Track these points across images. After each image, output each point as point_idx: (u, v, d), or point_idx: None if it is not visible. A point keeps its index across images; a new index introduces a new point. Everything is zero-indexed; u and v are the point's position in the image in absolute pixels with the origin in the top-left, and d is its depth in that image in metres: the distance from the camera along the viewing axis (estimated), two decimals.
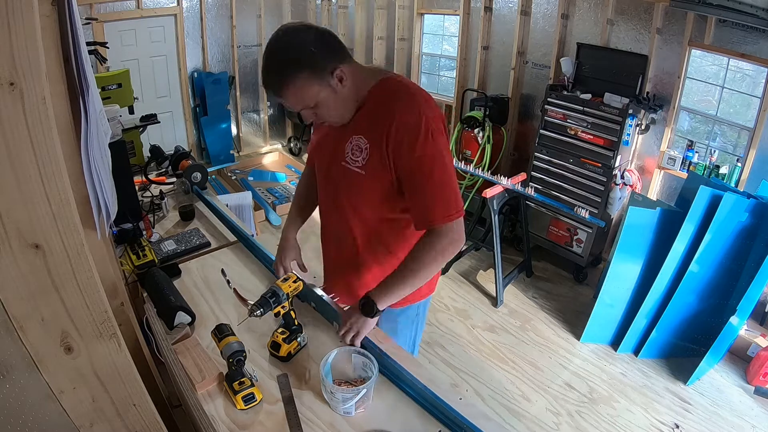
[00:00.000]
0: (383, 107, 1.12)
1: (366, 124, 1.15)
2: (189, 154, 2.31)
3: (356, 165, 1.17)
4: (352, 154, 1.17)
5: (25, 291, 0.72)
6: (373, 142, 1.13)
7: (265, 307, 1.17)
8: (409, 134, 1.08)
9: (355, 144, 1.16)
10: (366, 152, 1.15)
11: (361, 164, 1.16)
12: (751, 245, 2.39)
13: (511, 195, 3.08)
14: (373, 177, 1.16)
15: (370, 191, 1.19)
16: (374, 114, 1.14)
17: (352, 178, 1.19)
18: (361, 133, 1.16)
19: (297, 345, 1.25)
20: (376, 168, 1.15)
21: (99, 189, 1.13)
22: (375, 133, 1.13)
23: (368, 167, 1.15)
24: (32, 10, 0.64)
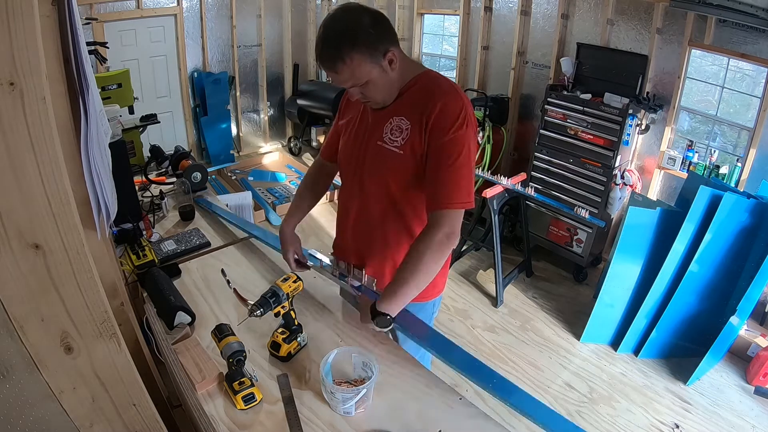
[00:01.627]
0: (428, 92, 1.19)
1: (408, 106, 1.21)
2: (189, 154, 2.32)
3: (394, 145, 1.22)
4: (391, 134, 1.22)
5: (25, 291, 0.72)
6: (415, 122, 1.19)
7: (265, 307, 1.18)
8: (449, 117, 1.15)
9: (396, 125, 1.22)
10: (407, 132, 1.20)
11: (400, 144, 1.21)
12: (751, 245, 2.39)
13: (511, 195, 3.08)
14: (411, 156, 1.20)
15: (406, 171, 1.23)
16: (418, 97, 1.20)
17: (389, 157, 1.23)
18: (403, 115, 1.21)
19: (297, 345, 1.26)
20: (415, 147, 1.19)
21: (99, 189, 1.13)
22: (417, 114, 1.18)
23: (406, 147, 1.20)
24: (32, 10, 0.64)
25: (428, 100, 1.17)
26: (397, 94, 1.23)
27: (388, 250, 1.36)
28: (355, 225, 1.40)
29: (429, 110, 1.16)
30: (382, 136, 1.24)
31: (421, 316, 1.43)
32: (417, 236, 1.22)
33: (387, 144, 1.23)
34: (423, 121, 1.17)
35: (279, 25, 5.05)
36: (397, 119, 1.21)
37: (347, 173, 1.38)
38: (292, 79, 5.26)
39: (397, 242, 1.35)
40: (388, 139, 1.22)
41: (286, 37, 5.09)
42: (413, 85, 1.22)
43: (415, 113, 1.19)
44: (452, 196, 1.16)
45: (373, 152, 1.26)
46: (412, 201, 1.28)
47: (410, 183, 1.24)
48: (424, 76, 1.23)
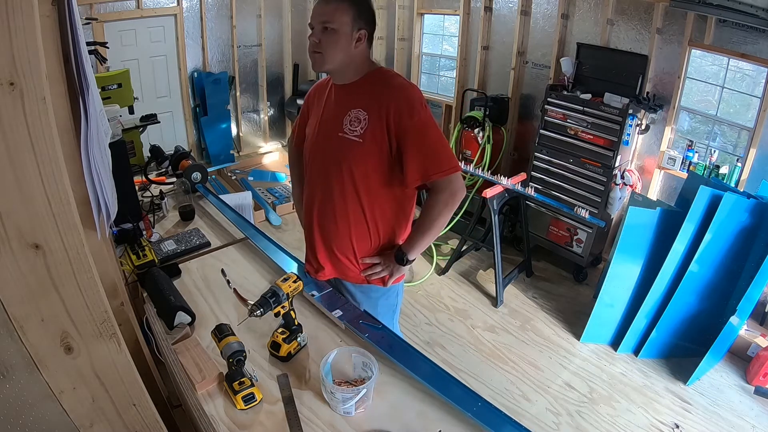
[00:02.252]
0: (383, 85, 1.32)
1: (365, 99, 1.32)
2: (189, 154, 2.31)
3: (354, 134, 1.32)
4: (350, 125, 1.33)
5: (25, 291, 0.72)
6: (372, 113, 1.30)
7: (265, 307, 1.18)
8: (408, 104, 1.28)
9: (354, 116, 1.32)
10: (365, 122, 1.31)
11: (360, 133, 1.31)
12: (751, 245, 2.39)
13: (511, 195, 3.08)
14: (371, 143, 1.31)
15: (365, 158, 1.33)
16: (373, 90, 1.32)
17: (349, 147, 1.33)
18: (360, 107, 1.32)
19: (297, 345, 1.26)
20: (375, 136, 1.30)
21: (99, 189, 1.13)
22: (375, 106, 1.30)
23: (366, 135, 1.31)
24: (32, 10, 0.64)
25: (384, 91, 1.30)
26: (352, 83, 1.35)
27: (352, 237, 1.45)
28: (320, 218, 1.47)
29: (387, 102, 1.28)
30: (342, 128, 1.34)
31: (383, 302, 1.56)
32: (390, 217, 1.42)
33: (347, 134, 1.33)
34: (381, 111, 1.28)
35: (279, 25, 5.05)
36: (355, 111, 1.32)
37: (313, 165, 1.46)
38: (292, 79, 5.26)
39: (358, 229, 1.44)
40: (348, 129, 1.33)
41: (286, 37, 5.09)
42: (369, 78, 1.34)
43: (372, 105, 1.30)
44: (441, 165, 1.31)
45: (335, 143, 1.35)
46: (370, 190, 1.38)
47: (370, 170, 1.35)
48: (378, 72, 1.36)
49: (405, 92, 1.29)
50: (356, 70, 1.34)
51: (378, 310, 1.54)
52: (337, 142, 1.34)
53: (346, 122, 1.33)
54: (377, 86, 1.32)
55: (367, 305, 1.52)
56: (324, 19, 1.26)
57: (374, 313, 1.49)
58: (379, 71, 1.36)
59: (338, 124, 1.35)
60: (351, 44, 1.29)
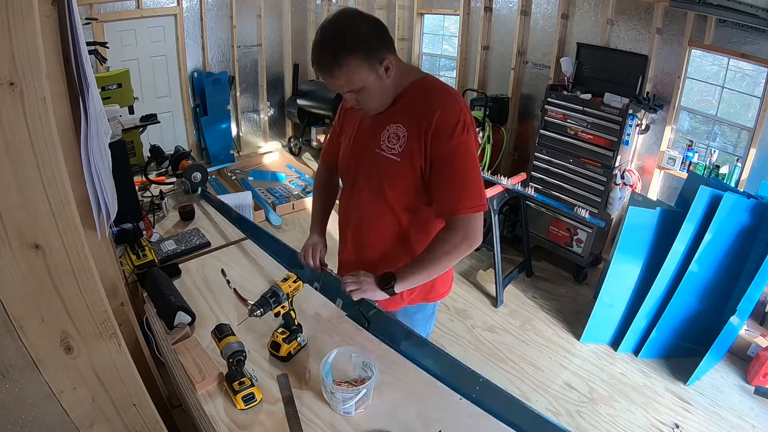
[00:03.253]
0: (426, 100, 1.19)
1: (405, 114, 1.21)
2: (189, 154, 2.31)
3: (392, 152, 1.22)
4: (388, 141, 1.23)
5: (25, 291, 0.72)
6: (412, 130, 1.19)
7: (265, 307, 1.18)
8: (449, 124, 1.15)
9: (393, 132, 1.22)
10: (404, 139, 1.20)
11: (398, 152, 1.21)
12: (751, 245, 2.39)
13: (511, 195, 3.08)
14: (409, 164, 1.21)
15: (403, 178, 1.23)
16: (415, 105, 1.20)
17: (386, 165, 1.23)
18: (399, 122, 1.21)
19: (297, 345, 1.25)
20: (413, 155, 1.20)
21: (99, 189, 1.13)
22: (415, 122, 1.18)
23: (404, 154, 1.21)
24: (32, 10, 0.64)
25: (426, 108, 1.17)
26: (393, 100, 1.23)
27: (390, 258, 1.35)
28: (355, 233, 1.40)
29: (427, 119, 1.16)
30: (379, 144, 1.24)
31: (420, 316, 1.45)
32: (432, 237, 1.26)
33: (384, 151, 1.23)
34: (422, 129, 1.17)
35: (279, 25, 5.05)
36: (394, 126, 1.22)
37: (347, 182, 1.39)
38: (292, 79, 5.26)
39: (393, 250, 1.35)
40: (386, 146, 1.23)
41: (286, 37, 5.09)
42: (410, 91, 1.22)
43: (412, 121, 1.19)
44: (465, 202, 1.18)
45: (370, 160, 1.27)
46: (409, 209, 1.29)
47: (407, 190, 1.25)
48: (421, 83, 1.23)
49: (450, 108, 1.16)
50: (397, 89, 1.23)
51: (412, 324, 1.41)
52: (373, 158, 1.25)
53: (384, 138, 1.23)
54: (419, 100, 1.20)
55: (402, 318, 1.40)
56: (346, 89, 1.17)
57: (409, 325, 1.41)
58: (422, 82, 1.23)
59: (375, 139, 1.25)
60: (384, 81, 1.17)
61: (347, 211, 1.41)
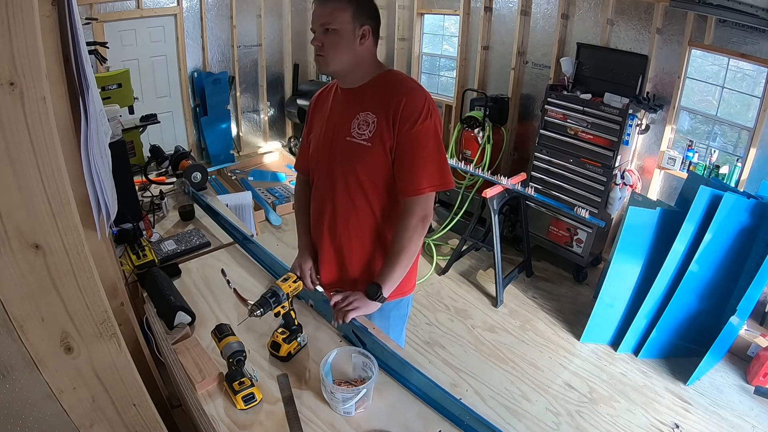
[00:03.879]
0: (392, 88, 1.26)
1: (374, 102, 1.27)
2: (189, 154, 2.31)
3: (363, 138, 1.27)
4: (358, 128, 1.27)
5: (25, 291, 0.72)
6: (381, 115, 1.25)
7: (265, 307, 1.18)
8: (414, 110, 1.22)
9: (362, 119, 1.27)
10: (373, 125, 1.26)
11: (368, 137, 1.26)
12: (751, 245, 2.39)
13: (511, 195, 3.08)
14: (380, 147, 1.26)
15: (375, 161, 1.28)
16: (382, 93, 1.26)
17: (357, 150, 1.28)
18: (369, 110, 1.27)
19: (297, 345, 1.26)
20: (383, 138, 1.25)
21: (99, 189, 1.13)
22: (383, 108, 1.24)
23: (374, 139, 1.26)
24: (32, 10, 0.64)
25: (393, 95, 1.24)
26: (361, 85, 1.29)
27: (366, 250, 1.39)
28: (330, 225, 1.40)
29: (394, 104, 1.22)
30: (350, 131, 1.28)
31: (395, 313, 1.47)
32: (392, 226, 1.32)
33: (355, 138, 1.27)
34: (390, 114, 1.23)
35: (279, 25, 5.05)
36: (363, 114, 1.27)
37: (320, 174, 1.40)
38: (292, 79, 5.25)
39: (369, 235, 1.38)
40: (356, 133, 1.27)
41: (286, 37, 5.09)
42: (378, 80, 1.29)
43: (380, 108, 1.25)
44: (421, 182, 1.24)
45: (343, 147, 1.30)
46: (382, 195, 1.33)
47: (380, 174, 1.29)
48: (388, 74, 1.30)
49: (413, 97, 1.23)
50: (365, 72, 1.29)
51: (390, 322, 1.47)
52: (345, 145, 1.29)
53: (354, 126, 1.27)
54: (386, 89, 1.26)
55: (379, 319, 1.41)
56: (323, 21, 1.22)
57: (386, 325, 1.44)
58: (389, 73, 1.31)
59: (346, 128, 1.29)
60: (355, 42, 1.23)
61: (321, 205, 1.40)
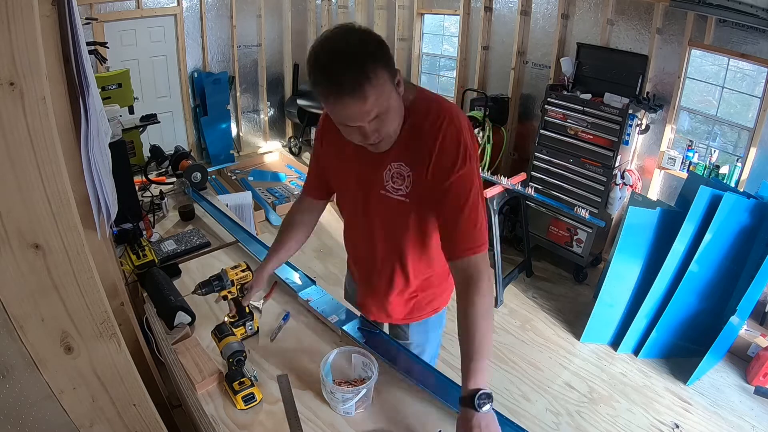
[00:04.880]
0: (422, 131, 1.05)
1: (404, 149, 1.08)
2: (189, 154, 2.32)
3: (399, 193, 1.11)
4: (392, 182, 1.11)
5: (25, 291, 0.72)
6: (415, 168, 1.08)
7: (207, 287, 1.25)
8: (449, 157, 1.03)
9: (396, 171, 1.10)
10: (409, 180, 1.09)
11: (405, 192, 1.10)
12: (751, 245, 2.39)
13: (511, 195, 3.08)
14: (420, 204, 1.11)
15: (416, 219, 1.14)
16: (413, 137, 1.06)
17: (395, 207, 1.13)
18: (401, 160, 1.09)
19: (243, 331, 1.29)
20: (421, 195, 1.09)
21: (99, 189, 1.13)
22: (416, 159, 1.07)
23: (413, 195, 1.10)
24: (32, 10, 0.64)
25: (425, 140, 1.04)
26: None
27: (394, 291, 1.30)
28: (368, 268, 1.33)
29: (427, 152, 1.04)
30: (384, 185, 1.12)
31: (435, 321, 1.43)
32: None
33: (391, 193, 1.12)
34: (424, 164, 1.05)
35: (279, 25, 5.05)
36: (396, 165, 1.09)
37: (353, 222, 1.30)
38: (292, 79, 5.26)
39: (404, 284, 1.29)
40: (391, 187, 1.11)
41: (286, 37, 5.09)
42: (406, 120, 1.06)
43: (414, 157, 1.07)
44: (476, 240, 1.05)
45: (377, 201, 1.15)
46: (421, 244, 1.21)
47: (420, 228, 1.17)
48: (414, 107, 1.07)
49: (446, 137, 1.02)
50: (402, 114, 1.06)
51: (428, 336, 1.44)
52: (379, 200, 1.13)
53: (387, 178, 1.10)
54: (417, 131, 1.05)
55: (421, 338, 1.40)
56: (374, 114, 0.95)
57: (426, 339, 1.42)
58: (415, 104, 1.07)
59: (378, 179, 1.12)
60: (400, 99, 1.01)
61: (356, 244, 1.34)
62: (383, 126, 0.99)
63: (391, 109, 0.98)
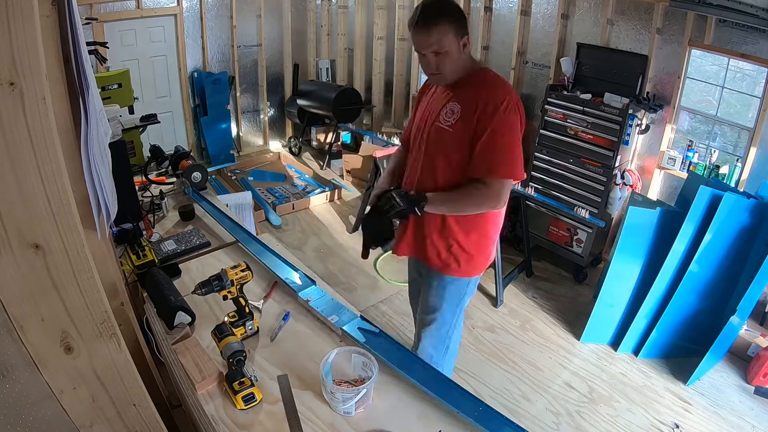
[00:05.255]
0: (480, 84, 1.45)
1: (462, 94, 1.47)
2: (189, 154, 2.32)
3: (447, 123, 1.48)
4: (444, 116, 1.48)
5: (25, 291, 0.72)
6: (465, 107, 1.44)
7: (207, 287, 1.27)
8: (495, 105, 1.39)
9: (449, 108, 1.48)
10: (457, 114, 1.46)
11: (451, 123, 1.47)
12: (751, 245, 2.39)
13: (511, 195, 3.07)
14: (461, 133, 1.45)
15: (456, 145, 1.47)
16: (471, 88, 1.45)
17: (441, 133, 1.50)
18: (456, 101, 1.47)
19: (243, 331, 1.30)
20: (465, 128, 1.44)
21: (99, 189, 1.13)
22: (468, 102, 1.43)
23: (457, 126, 1.46)
24: (32, 10, 0.64)
25: (478, 90, 1.43)
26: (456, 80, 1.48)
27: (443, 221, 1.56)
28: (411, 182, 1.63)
29: (477, 98, 1.41)
30: (438, 118, 1.50)
31: (452, 288, 1.63)
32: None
33: (441, 123, 1.49)
34: (472, 106, 1.41)
35: (279, 25, 5.05)
36: (451, 104, 1.47)
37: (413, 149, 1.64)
38: (292, 79, 5.26)
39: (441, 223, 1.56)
40: (443, 119, 1.48)
41: (286, 37, 5.09)
42: (471, 77, 1.47)
43: (465, 101, 1.44)
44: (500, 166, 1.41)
45: (432, 130, 1.52)
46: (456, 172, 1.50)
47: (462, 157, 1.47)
48: (481, 73, 1.49)
49: (497, 93, 1.40)
50: (462, 71, 1.47)
51: (445, 296, 1.65)
52: (432, 130, 1.51)
53: (442, 113, 1.48)
54: (475, 84, 1.45)
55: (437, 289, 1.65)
56: (434, 49, 1.39)
57: (441, 297, 1.64)
58: (483, 72, 1.49)
59: (435, 115, 1.50)
60: (461, 54, 1.43)
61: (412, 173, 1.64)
62: (442, 63, 1.42)
63: (449, 54, 1.40)
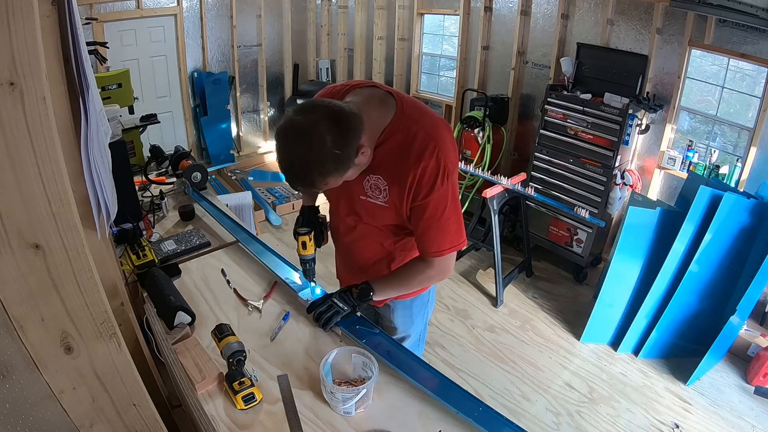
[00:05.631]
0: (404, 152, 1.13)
1: (384, 165, 1.17)
2: (189, 154, 2.31)
3: (381, 200, 1.23)
4: (371, 191, 1.22)
5: (25, 291, 0.72)
6: (393, 183, 1.18)
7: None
8: (428, 179, 1.13)
9: (374, 183, 1.21)
10: (386, 192, 1.20)
11: (385, 199, 1.22)
12: (751, 245, 2.39)
13: (511, 195, 3.08)
14: (395, 207, 1.22)
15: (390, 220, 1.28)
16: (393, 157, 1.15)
17: (375, 209, 1.25)
18: (379, 174, 1.18)
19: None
20: (397, 206, 1.21)
21: (99, 189, 1.13)
22: (396, 176, 1.16)
23: (391, 201, 1.21)
24: (32, 10, 0.64)
25: (405, 162, 1.13)
26: None
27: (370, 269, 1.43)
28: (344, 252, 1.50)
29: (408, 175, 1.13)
30: (364, 191, 1.24)
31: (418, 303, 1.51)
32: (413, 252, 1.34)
33: (371, 198, 1.24)
34: (403, 186, 1.15)
35: (279, 25, 5.05)
36: (374, 178, 1.19)
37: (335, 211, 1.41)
38: (292, 79, 5.26)
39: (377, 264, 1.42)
40: (371, 194, 1.23)
41: (286, 37, 5.09)
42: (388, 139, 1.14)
43: (393, 177, 1.17)
44: (443, 245, 1.23)
45: (359, 203, 1.27)
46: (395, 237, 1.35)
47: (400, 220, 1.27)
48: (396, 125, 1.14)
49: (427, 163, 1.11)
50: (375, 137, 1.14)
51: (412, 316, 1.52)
52: (361, 202, 1.26)
53: (366, 187, 1.22)
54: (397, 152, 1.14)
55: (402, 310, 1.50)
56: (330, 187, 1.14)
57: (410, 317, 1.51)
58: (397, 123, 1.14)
59: (359, 186, 1.23)
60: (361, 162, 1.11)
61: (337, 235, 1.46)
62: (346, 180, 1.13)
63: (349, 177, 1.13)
